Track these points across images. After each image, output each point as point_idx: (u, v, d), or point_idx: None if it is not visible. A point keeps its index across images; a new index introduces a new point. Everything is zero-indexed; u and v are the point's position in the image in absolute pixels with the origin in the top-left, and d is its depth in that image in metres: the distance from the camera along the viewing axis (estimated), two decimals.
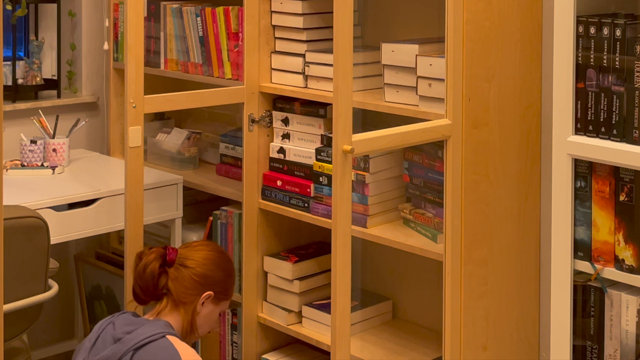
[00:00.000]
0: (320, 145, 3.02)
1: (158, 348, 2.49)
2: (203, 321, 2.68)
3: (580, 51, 2.29)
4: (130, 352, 2.48)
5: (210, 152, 3.70)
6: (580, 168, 2.33)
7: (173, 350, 2.48)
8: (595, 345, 2.34)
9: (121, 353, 2.48)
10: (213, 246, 2.76)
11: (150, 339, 2.50)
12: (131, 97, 2.80)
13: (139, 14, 2.82)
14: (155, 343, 2.49)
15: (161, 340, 2.50)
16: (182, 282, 2.63)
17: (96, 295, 3.63)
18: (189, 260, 2.65)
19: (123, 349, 2.49)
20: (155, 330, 2.52)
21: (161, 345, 2.49)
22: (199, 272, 2.65)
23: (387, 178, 2.90)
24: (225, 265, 2.71)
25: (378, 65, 2.89)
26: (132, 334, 2.51)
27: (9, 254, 1.95)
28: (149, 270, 2.62)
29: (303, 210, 3.03)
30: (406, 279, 3.11)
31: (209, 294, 2.65)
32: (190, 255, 2.67)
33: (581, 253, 2.34)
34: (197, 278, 2.64)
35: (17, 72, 3.72)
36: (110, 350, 2.51)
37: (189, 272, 2.64)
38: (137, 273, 2.64)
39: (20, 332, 2.81)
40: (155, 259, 2.63)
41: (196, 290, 2.64)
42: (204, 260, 2.66)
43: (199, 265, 2.65)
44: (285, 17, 3.11)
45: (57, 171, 3.41)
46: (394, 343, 2.94)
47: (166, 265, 2.64)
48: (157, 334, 2.51)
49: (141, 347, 2.48)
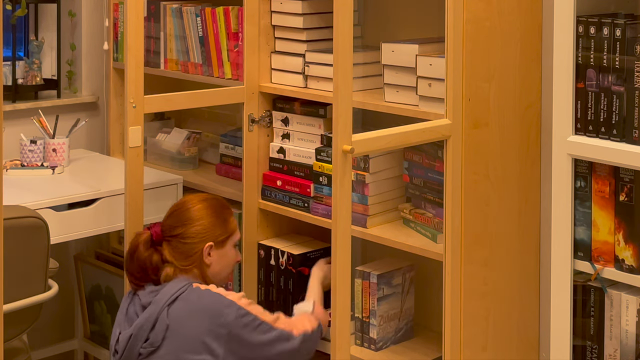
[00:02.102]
0: (320, 145, 3.02)
1: (190, 295, 2.55)
2: (217, 270, 2.68)
3: (580, 51, 2.29)
4: (165, 308, 2.53)
5: (210, 152, 3.70)
6: (580, 168, 2.33)
7: (206, 289, 2.56)
8: (595, 345, 2.34)
9: (156, 313, 2.53)
10: (191, 200, 2.71)
11: (179, 292, 2.55)
12: (131, 97, 2.80)
13: (139, 14, 2.82)
14: (185, 293, 2.55)
15: (190, 289, 2.56)
16: (177, 251, 2.64)
17: (96, 295, 3.64)
18: (175, 227, 2.65)
19: (157, 309, 2.54)
20: (180, 285, 2.57)
21: (193, 291, 2.56)
22: (189, 233, 2.64)
23: (387, 178, 2.90)
24: (211, 210, 2.68)
25: (378, 65, 2.89)
26: (160, 293, 2.57)
27: (9, 254, 1.95)
28: (137, 256, 2.63)
29: (303, 210, 3.03)
30: None
31: (209, 245, 2.65)
32: (174, 222, 2.66)
33: (581, 253, 2.34)
34: (189, 240, 2.64)
35: (17, 72, 3.72)
36: (144, 314, 2.56)
37: (180, 239, 2.63)
38: (126, 261, 2.67)
39: (20, 332, 2.81)
40: (141, 243, 2.64)
41: (195, 250, 2.64)
42: (188, 220, 2.65)
43: (186, 226, 2.64)
44: (285, 17, 3.11)
45: (57, 171, 3.41)
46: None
47: (156, 245, 2.64)
48: (183, 286, 2.57)
49: (174, 302, 2.54)
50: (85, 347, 3.71)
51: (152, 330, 2.53)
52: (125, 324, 2.62)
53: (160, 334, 2.52)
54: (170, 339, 2.52)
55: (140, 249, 2.64)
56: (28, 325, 2.81)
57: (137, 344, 2.54)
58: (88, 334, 3.69)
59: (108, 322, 3.57)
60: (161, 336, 2.52)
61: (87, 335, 3.69)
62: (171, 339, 2.52)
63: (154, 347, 2.53)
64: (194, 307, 2.53)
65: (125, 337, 2.57)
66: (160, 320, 2.53)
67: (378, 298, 2.84)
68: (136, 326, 2.55)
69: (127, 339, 2.56)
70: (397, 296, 2.89)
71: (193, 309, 2.53)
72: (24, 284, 2.70)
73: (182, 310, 2.53)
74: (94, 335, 3.66)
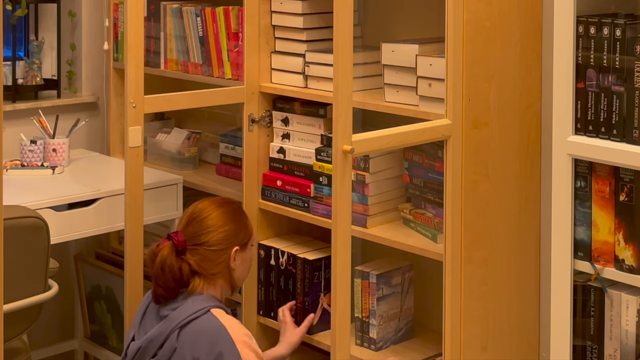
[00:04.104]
0: (320, 145, 3.02)
1: (204, 323, 2.50)
2: (241, 272, 2.65)
3: (580, 51, 2.29)
4: (176, 330, 2.49)
5: (210, 152, 3.70)
6: (580, 168, 2.33)
7: (219, 324, 2.49)
8: (595, 345, 2.34)
9: (168, 332, 2.50)
10: (209, 206, 2.64)
11: (194, 315, 2.50)
12: (131, 97, 2.80)
13: (139, 14, 2.82)
14: (200, 319, 2.50)
15: (206, 316, 2.51)
16: (205, 259, 2.57)
17: (96, 295, 3.63)
18: (199, 236, 2.58)
19: (169, 328, 2.50)
20: (199, 306, 2.51)
21: (207, 320, 2.50)
22: (216, 240, 2.58)
23: (387, 178, 2.90)
24: (231, 214, 2.64)
25: (378, 65, 2.89)
26: (177, 310, 2.52)
27: (9, 254, 1.95)
28: (168, 268, 2.54)
29: (303, 210, 3.03)
30: None
31: (236, 249, 2.61)
32: (197, 230, 2.58)
33: (581, 253, 2.34)
34: (217, 247, 2.58)
35: (17, 72, 3.72)
36: (157, 329, 2.52)
37: (206, 247, 2.57)
38: (155, 275, 2.56)
39: (20, 332, 2.81)
40: (169, 253, 2.55)
41: (223, 256, 2.58)
42: (212, 227, 2.59)
43: (211, 233, 2.58)
44: (285, 17, 3.11)
45: (57, 171, 3.41)
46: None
47: (181, 254, 2.56)
48: (202, 309, 2.51)
49: (186, 325, 2.49)
50: (85, 347, 3.71)
51: (160, 348, 2.50)
52: (139, 331, 2.58)
53: (167, 353, 2.49)
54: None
55: (170, 260, 2.54)
56: (28, 325, 2.81)
57: (145, 357, 2.52)
58: (88, 334, 3.69)
59: (108, 322, 3.57)
60: (168, 356, 2.49)
61: (87, 335, 3.69)
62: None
63: None
64: (202, 334, 2.49)
65: (134, 348, 2.54)
66: (170, 341, 2.49)
67: (377, 298, 2.84)
68: (146, 339, 2.52)
69: (136, 350, 2.53)
70: (397, 296, 2.89)
71: (200, 336, 2.49)
72: (24, 284, 2.70)
73: (191, 335, 2.49)
74: (94, 335, 3.66)
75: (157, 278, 2.56)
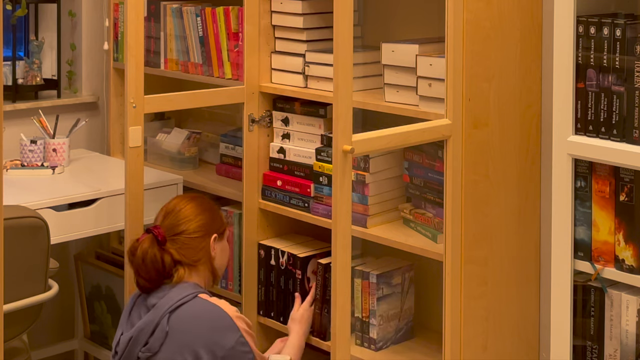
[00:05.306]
0: (320, 145, 3.02)
1: (196, 307, 2.56)
2: (220, 261, 2.74)
3: (580, 51, 2.29)
4: (166, 315, 2.55)
5: (210, 152, 3.70)
6: (580, 168, 2.33)
7: (212, 306, 2.57)
8: (595, 345, 2.34)
9: (157, 318, 2.55)
10: (181, 201, 2.74)
11: (182, 300, 2.57)
12: (131, 97, 2.80)
13: (139, 14, 2.82)
14: (189, 304, 2.57)
15: (196, 301, 2.58)
16: (186, 246, 2.65)
17: (96, 295, 3.64)
18: (177, 226, 2.67)
19: (159, 314, 2.55)
20: (186, 292, 2.59)
21: (198, 304, 2.57)
22: (193, 228, 2.67)
23: (387, 178, 2.90)
24: (204, 206, 2.73)
25: (378, 65, 2.89)
26: (165, 298, 2.58)
27: (9, 254, 1.95)
28: (150, 258, 2.60)
29: (303, 210, 3.03)
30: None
31: (214, 237, 2.70)
32: (175, 222, 2.67)
33: (581, 253, 2.34)
34: (196, 234, 2.67)
35: (17, 72, 3.72)
36: (147, 317, 2.57)
37: (185, 235, 2.66)
38: (137, 266, 2.62)
39: (20, 332, 2.81)
40: (150, 246, 2.62)
41: (202, 243, 2.67)
42: (189, 216, 2.68)
43: (188, 222, 2.67)
44: (285, 17, 3.11)
45: (57, 171, 3.41)
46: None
47: (162, 245, 2.64)
48: (189, 294, 2.58)
49: (176, 309, 2.56)
50: (85, 347, 3.71)
51: (151, 335, 2.54)
52: (127, 325, 2.62)
53: (159, 340, 2.53)
54: (168, 345, 2.53)
55: (151, 251, 2.61)
56: (28, 325, 2.81)
57: (136, 347, 2.54)
58: (88, 334, 3.69)
59: (108, 322, 3.57)
60: (160, 342, 2.53)
61: (87, 335, 3.69)
62: (168, 345, 2.53)
63: (152, 353, 2.53)
64: (197, 317, 2.55)
65: (125, 340, 2.57)
66: (160, 327, 2.54)
67: (377, 298, 2.84)
68: (137, 329, 2.56)
69: (127, 341, 2.56)
70: (397, 296, 2.89)
71: (195, 319, 2.55)
72: (24, 284, 2.70)
73: (183, 319, 2.54)
74: (94, 335, 3.66)
75: (139, 269, 2.63)
